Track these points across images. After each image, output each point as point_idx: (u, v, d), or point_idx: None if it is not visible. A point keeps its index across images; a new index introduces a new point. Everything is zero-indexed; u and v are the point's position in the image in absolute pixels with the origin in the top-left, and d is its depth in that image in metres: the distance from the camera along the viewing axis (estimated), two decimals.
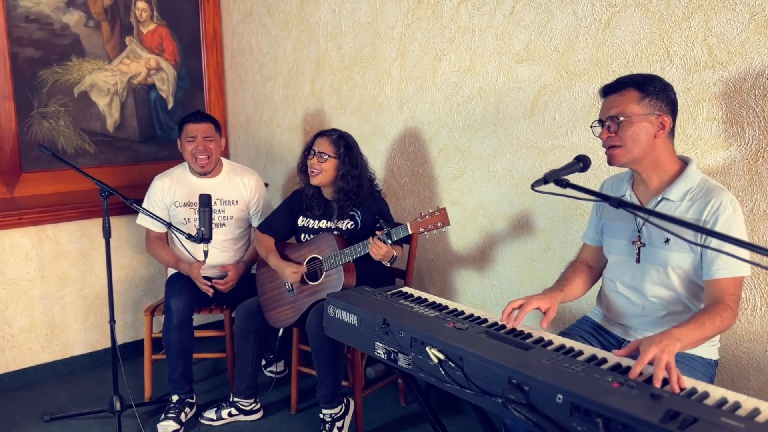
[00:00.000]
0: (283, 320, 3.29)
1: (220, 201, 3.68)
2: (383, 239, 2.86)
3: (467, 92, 3.16)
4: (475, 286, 3.29)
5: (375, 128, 3.65)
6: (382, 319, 2.21)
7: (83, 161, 4.19)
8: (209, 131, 3.60)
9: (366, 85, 3.66)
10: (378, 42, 3.56)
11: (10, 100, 3.91)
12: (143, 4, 4.36)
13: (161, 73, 4.47)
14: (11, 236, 3.77)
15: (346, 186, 3.18)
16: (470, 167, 3.20)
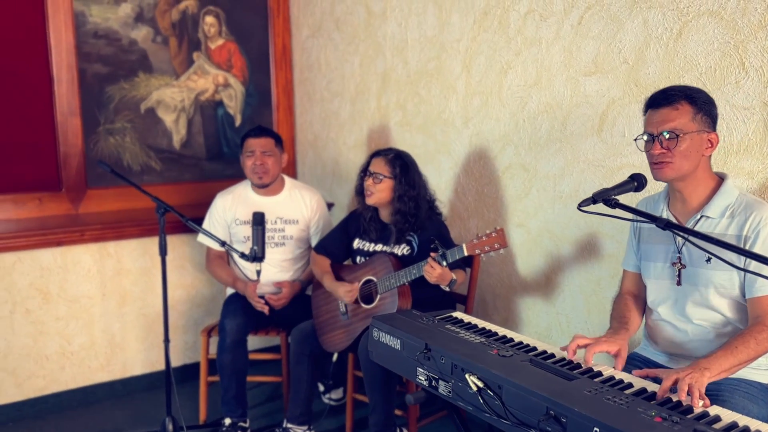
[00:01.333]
0: (336, 344, 3.34)
1: (281, 220, 3.79)
2: (438, 260, 2.89)
3: (533, 107, 3.16)
4: (540, 314, 3.27)
5: (440, 146, 3.69)
6: (424, 344, 2.23)
7: (149, 178, 4.40)
8: (268, 146, 3.72)
9: (431, 100, 3.71)
10: (444, 55, 3.61)
11: (77, 116, 4.15)
12: (212, 19, 4.56)
13: (229, 89, 4.64)
14: (73, 253, 3.98)
15: (404, 207, 3.22)
16: (536, 187, 3.19)
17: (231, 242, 3.85)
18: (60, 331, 3.97)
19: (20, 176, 4.04)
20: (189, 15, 4.47)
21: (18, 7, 3.97)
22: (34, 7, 4.01)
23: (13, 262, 3.81)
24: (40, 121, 4.08)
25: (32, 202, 4.06)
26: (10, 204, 4.00)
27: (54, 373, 3.98)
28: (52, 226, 3.94)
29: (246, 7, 4.67)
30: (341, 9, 4.31)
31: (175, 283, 4.29)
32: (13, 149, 4.02)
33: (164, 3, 4.38)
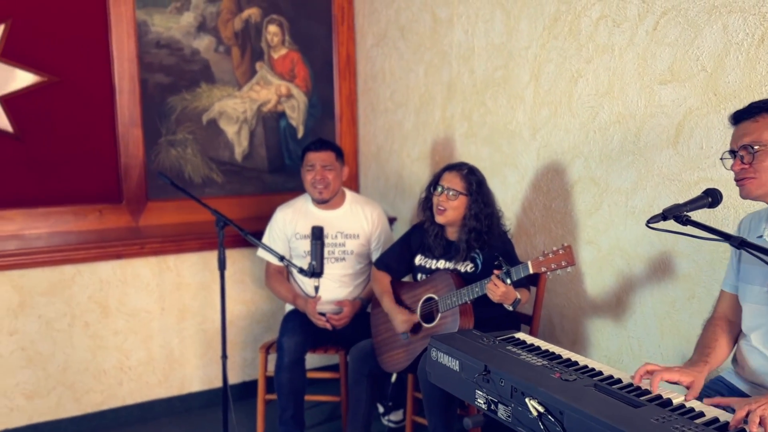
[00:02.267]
0: (395, 364, 3.35)
1: (341, 234, 3.82)
2: (502, 278, 2.87)
3: (605, 118, 3.12)
4: (610, 337, 3.21)
5: (506, 158, 3.67)
6: (483, 366, 2.22)
7: (210, 191, 4.49)
8: (328, 160, 3.76)
9: (498, 110, 3.70)
10: (511, 64, 3.59)
11: (138, 127, 4.27)
12: (275, 28, 4.63)
13: (292, 100, 4.71)
14: (133, 266, 4.09)
15: (478, 225, 3.20)
16: (607, 202, 3.14)
17: (291, 257, 3.90)
18: (118, 346, 4.08)
19: (81, 188, 4.18)
20: (252, 24, 4.56)
21: (81, 16, 4.11)
22: (96, 17, 4.14)
23: (72, 275, 3.93)
24: (102, 132, 4.22)
25: (93, 214, 4.20)
26: (71, 216, 4.14)
27: (112, 388, 4.09)
28: (112, 238, 4.05)
29: (310, 16, 4.74)
30: (406, 16, 4.34)
31: (235, 299, 4.35)
32: (75, 160, 4.16)
33: (227, 12, 4.48)
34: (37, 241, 3.90)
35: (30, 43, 4.00)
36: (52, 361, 3.91)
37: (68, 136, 4.13)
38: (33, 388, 3.88)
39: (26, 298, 3.82)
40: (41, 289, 3.85)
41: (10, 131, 3.97)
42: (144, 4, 4.23)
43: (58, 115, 4.10)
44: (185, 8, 4.35)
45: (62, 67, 4.08)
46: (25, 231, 4.02)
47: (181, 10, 4.34)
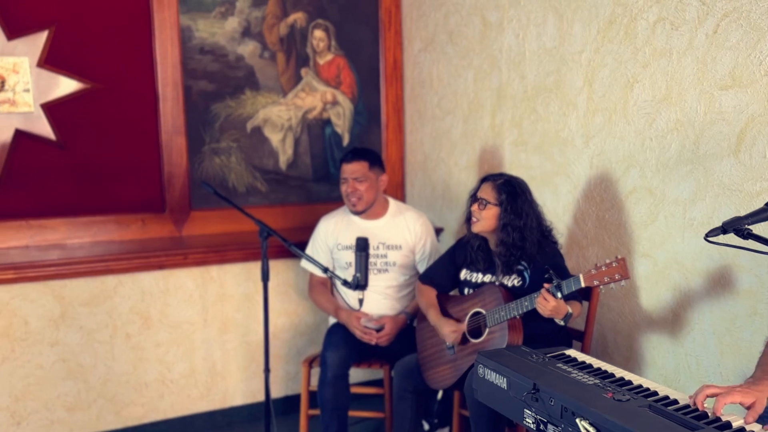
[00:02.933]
0: (441, 381, 3.33)
1: (383, 245, 3.82)
2: (552, 292, 2.84)
3: (662, 125, 3.07)
4: (667, 355, 3.15)
5: (558, 167, 3.64)
6: (532, 384, 2.20)
7: (254, 200, 4.54)
8: (359, 171, 3.77)
9: (549, 117, 3.66)
10: (564, 69, 3.56)
11: (182, 135, 4.34)
12: (321, 33, 4.66)
13: (337, 107, 4.73)
14: (176, 276, 4.13)
15: (507, 238, 3.18)
16: (663, 213, 3.09)
17: (334, 268, 3.91)
18: (160, 358, 4.13)
19: (124, 197, 4.26)
20: (297, 29, 4.60)
21: (124, 22, 4.19)
22: (140, 23, 4.22)
23: (114, 285, 3.98)
24: (145, 140, 4.29)
25: (135, 223, 4.27)
26: (113, 225, 4.21)
27: (153, 401, 4.13)
28: (155, 248, 4.10)
29: (357, 20, 4.76)
30: (455, 21, 4.33)
31: (278, 311, 4.38)
32: (118, 168, 4.24)
33: (272, 17, 4.52)
34: (79, 251, 3.98)
35: (73, 50, 4.08)
36: (93, 373, 3.97)
37: (111, 144, 4.21)
38: (74, 400, 3.95)
39: (68, 308, 3.88)
40: (83, 300, 3.91)
41: (53, 139, 4.06)
42: (188, 9, 4.30)
43: (101, 122, 4.18)
44: (230, 13, 4.41)
45: (105, 73, 4.16)
46: (68, 240, 4.11)
47: (225, 15, 4.39)
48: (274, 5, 4.53)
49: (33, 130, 4.03)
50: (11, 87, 3.96)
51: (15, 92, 3.97)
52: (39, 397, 3.87)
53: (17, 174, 4.03)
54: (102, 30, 4.14)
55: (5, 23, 3.91)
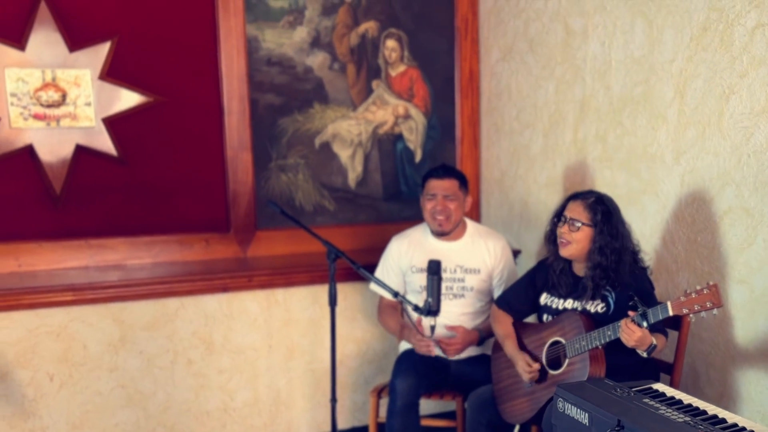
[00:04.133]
0: (518, 414, 3.30)
1: (460, 269, 3.82)
2: (637, 321, 2.80)
3: (761, 140, 3.00)
4: (765, 390, 3.06)
5: (645, 185, 3.58)
6: (616, 420, 2.17)
7: (322, 219, 4.59)
8: (451, 189, 3.78)
9: (636, 132, 3.62)
10: (653, 79, 3.51)
11: (248, 150, 4.40)
12: (393, 42, 4.69)
13: (410, 121, 4.76)
14: (240, 299, 4.19)
15: (604, 261, 3.14)
16: (762, 236, 3.01)
17: (406, 292, 3.93)
18: (222, 386, 4.18)
19: (187, 215, 4.35)
20: (369, 39, 4.64)
21: (189, 32, 4.27)
22: (205, 33, 4.29)
23: (176, 308, 4.06)
24: (209, 156, 4.37)
25: (199, 243, 4.35)
26: (176, 245, 4.30)
27: (215, 430, 4.19)
28: (219, 270, 4.18)
29: (431, 29, 4.78)
30: (536, 28, 4.31)
31: (346, 337, 4.40)
32: (181, 186, 4.33)
33: (342, 26, 4.57)
34: (140, 272, 4.07)
35: (136, 62, 4.18)
36: (152, 400, 4.05)
37: (174, 160, 4.30)
38: (132, 428, 4.02)
39: (127, 332, 3.97)
40: (143, 324, 3.99)
41: (114, 155, 4.16)
42: (255, 17, 4.36)
43: (164, 137, 4.27)
44: (298, 22, 4.47)
45: (169, 86, 4.25)
46: (128, 261, 4.21)
47: (293, 24, 4.45)
48: (345, 14, 4.58)
49: (94, 145, 4.13)
50: (72, 100, 4.07)
51: (76, 106, 4.08)
52: (97, 425, 3.95)
53: (77, 191, 4.13)
54: (165, 40, 4.23)
55: (67, 35, 4.02)
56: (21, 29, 3.97)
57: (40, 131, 4.05)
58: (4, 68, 3.94)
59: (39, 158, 4.04)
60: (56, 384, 3.88)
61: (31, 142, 4.03)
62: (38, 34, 3.98)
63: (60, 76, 4.04)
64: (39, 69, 4.00)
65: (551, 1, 4.17)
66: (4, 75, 3.95)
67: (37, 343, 3.83)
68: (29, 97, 3.99)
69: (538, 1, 4.28)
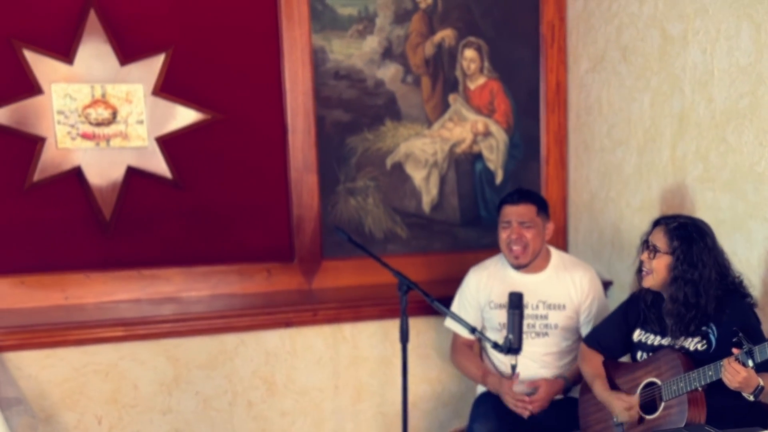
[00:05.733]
0: None
1: (543, 304, 3.82)
2: (742, 360, 2.77)
3: None
4: None
5: (752, 208, 3.55)
6: None
7: (393, 247, 4.62)
8: (527, 215, 3.78)
9: (742, 148, 3.59)
10: (761, 90, 3.49)
11: (313, 172, 4.45)
12: (472, 53, 4.71)
13: (490, 139, 4.78)
14: (304, 335, 4.24)
15: (678, 294, 3.14)
16: None
17: (484, 329, 3.93)
18: (285, 429, 4.23)
19: (248, 243, 4.40)
20: (445, 49, 4.66)
21: (250, 42, 4.31)
22: (267, 44, 4.34)
23: (236, 345, 4.12)
24: (272, 179, 4.42)
25: (260, 274, 4.41)
26: (236, 276, 4.37)
27: None
28: (281, 303, 4.23)
29: (513, 37, 4.78)
30: (630, 34, 4.31)
31: (419, 376, 4.41)
32: (240, 211, 4.37)
33: (417, 35, 4.59)
34: (196, 306, 4.14)
35: (192, 75, 4.22)
36: None
37: (233, 183, 4.35)
38: None
39: (182, 371, 4.02)
40: (199, 362, 4.05)
41: (169, 177, 4.23)
42: (321, 27, 4.39)
43: (222, 158, 4.32)
44: (368, 31, 4.50)
45: (228, 102, 4.28)
46: (184, 293, 4.27)
47: (363, 33, 4.48)
48: (419, 22, 4.59)
49: (147, 167, 4.20)
50: (123, 118, 4.13)
51: (127, 124, 4.14)
52: None
53: (128, 217, 4.20)
54: (224, 52, 4.26)
55: (118, 46, 4.08)
56: (69, 41, 4.03)
57: (89, 152, 4.11)
58: (50, 84, 4.01)
59: (87, 181, 4.12)
60: (105, 427, 3.96)
61: (78, 163, 4.10)
62: (87, 46, 4.04)
63: (110, 91, 4.11)
64: (88, 84, 4.07)
65: (647, 5, 4.17)
66: (51, 91, 4.02)
67: (84, 382, 3.90)
68: (77, 114, 4.06)
69: (633, 4, 4.28)
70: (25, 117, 4.02)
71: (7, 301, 4.07)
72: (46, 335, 3.82)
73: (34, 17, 4.00)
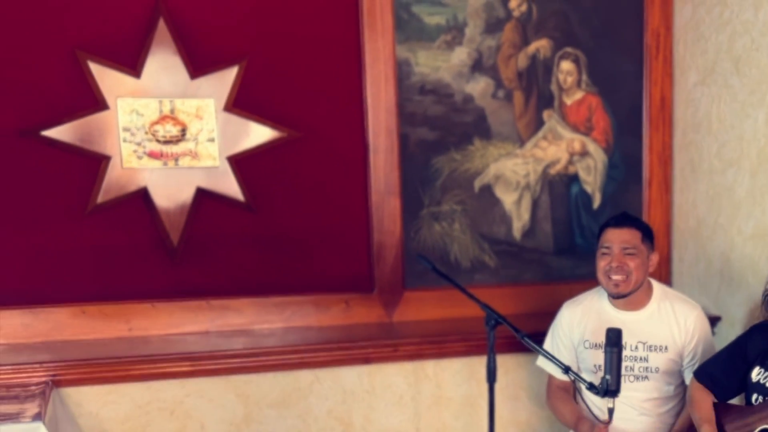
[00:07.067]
0: None
1: (643, 345, 3.77)
2: None
3: None
4: None
5: None
6: None
7: (480, 277, 4.62)
8: (631, 241, 3.72)
9: None
10: None
11: (396, 195, 4.46)
12: (569, 65, 4.70)
13: (587, 159, 4.76)
14: (383, 372, 4.25)
15: None
16: None
17: (579, 369, 3.89)
18: None
19: (324, 272, 4.43)
20: (540, 60, 4.66)
21: (328, 54, 4.34)
22: (348, 55, 4.36)
23: (310, 382, 4.14)
24: (351, 202, 4.45)
25: (338, 305, 4.43)
26: (311, 307, 4.39)
27: None
28: (360, 337, 4.25)
29: (614, 47, 4.76)
30: (743, 44, 4.25)
31: (507, 419, 4.39)
32: (317, 236, 4.40)
33: (509, 46, 4.59)
34: (268, 339, 4.17)
35: (267, 90, 4.25)
36: None
37: (310, 206, 4.37)
38: None
39: (253, 410, 4.05)
40: (271, 400, 4.08)
41: (241, 200, 4.26)
42: (406, 37, 4.41)
43: (298, 179, 4.34)
44: (457, 42, 4.50)
45: (305, 119, 4.31)
46: (255, 325, 4.30)
47: (451, 44, 4.49)
48: (512, 31, 4.59)
49: (217, 188, 4.23)
50: (193, 136, 4.17)
51: (197, 142, 4.18)
52: None
53: (197, 242, 4.23)
54: (301, 65, 4.29)
55: (188, 58, 4.14)
56: (136, 53, 4.09)
57: (156, 172, 4.15)
58: (116, 98, 4.05)
59: (154, 203, 4.17)
60: None
61: (145, 184, 4.15)
62: (155, 57, 4.09)
63: (179, 107, 4.14)
64: (156, 99, 4.11)
65: (762, 11, 4.12)
66: (117, 106, 4.06)
67: (148, 421, 3.96)
68: (144, 131, 4.10)
69: (747, 10, 4.23)
70: (88, 134, 4.06)
71: (67, 332, 4.12)
72: (108, 369, 3.86)
73: (99, 27, 4.05)
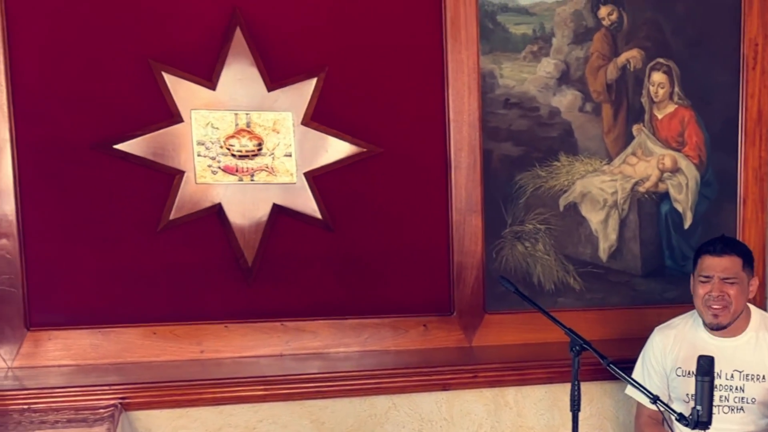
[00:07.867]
0: None
1: (739, 374, 3.78)
2: None
3: None
4: None
5: None
6: None
7: (564, 301, 4.64)
8: (732, 270, 3.72)
9: None
10: None
11: (478, 214, 4.48)
12: (661, 76, 4.68)
13: (678, 176, 4.74)
14: (462, 399, 4.26)
15: None
16: None
17: (670, 399, 3.90)
18: None
19: (402, 293, 4.45)
20: (630, 72, 4.64)
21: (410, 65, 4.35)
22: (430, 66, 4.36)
23: (386, 409, 4.16)
24: (431, 221, 4.45)
25: (416, 329, 4.45)
26: (388, 330, 4.42)
27: None
28: (439, 362, 4.25)
29: (708, 58, 4.74)
30: None
31: None
32: (396, 256, 4.42)
33: (598, 56, 4.58)
34: (344, 363, 4.21)
35: (346, 103, 4.27)
36: None
37: (390, 224, 4.39)
38: None
39: None
40: (347, 426, 4.10)
41: (319, 218, 4.27)
42: (491, 48, 4.41)
43: (378, 197, 4.37)
44: (544, 53, 4.50)
45: (385, 133, 4.33)
46: (331, 349, 4.34)
47: (538, 55, 4.49)
48: (601, 41, 4.58)
49: (294, 205, 4.25)
50: (270, 150, 4.19)
51: (274, 157, 4.19)
52: None
53: (272, 262, 4.25)
54: (381, 77, 4.31)
55: (266, 69, 4.15)
56: (212, 63, 4.11)
57: (231, 188, 4.17)
58: (190, 110, 4.08)
59: (228, 221, 4.19)
60: None
61: (219, 200, 4.17)
62: (231, 68, 4.11)
63: (255, 120, 4.15)
64: (231, 111, 4.12)
65: None
66: (191, 119, 4.08)
67: None
68: (219, 146, 4.11)
69: None
70: (162, 148, 4.09)
71: (137, 353, 4.18)
72: (179, 393, 3.89)
73: (174, 36, 4.09)
